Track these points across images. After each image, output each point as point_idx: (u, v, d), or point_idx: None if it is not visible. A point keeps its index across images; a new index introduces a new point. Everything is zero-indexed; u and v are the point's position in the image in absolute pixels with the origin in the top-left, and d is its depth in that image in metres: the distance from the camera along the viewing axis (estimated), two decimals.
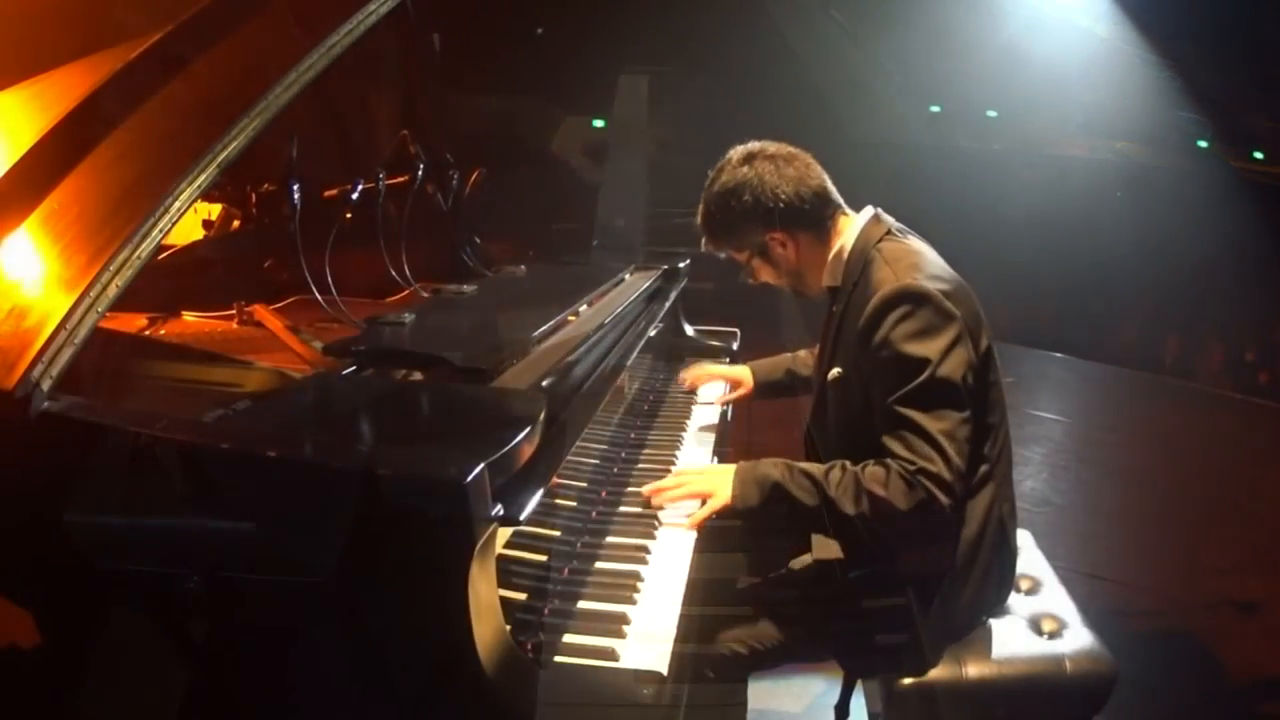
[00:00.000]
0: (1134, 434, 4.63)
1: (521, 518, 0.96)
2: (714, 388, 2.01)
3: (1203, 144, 7.12)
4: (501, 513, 0.90)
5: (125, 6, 1.23)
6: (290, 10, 1.19)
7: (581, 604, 1.15)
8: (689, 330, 2.41)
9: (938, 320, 1.29)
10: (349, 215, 1.56)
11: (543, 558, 1.19)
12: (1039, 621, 1.49)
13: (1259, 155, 7.06)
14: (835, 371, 1.43)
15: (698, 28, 6.31)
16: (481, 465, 0.85)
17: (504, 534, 1.07)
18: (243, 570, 0.89)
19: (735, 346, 2.38)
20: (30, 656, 0.91)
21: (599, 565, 1.25)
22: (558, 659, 1.03)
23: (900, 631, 1.40)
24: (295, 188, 1.36)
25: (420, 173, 1.71)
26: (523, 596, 1.10)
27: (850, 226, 1.47)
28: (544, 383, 1.23)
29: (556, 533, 1.25)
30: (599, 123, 7.41)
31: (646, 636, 1.09)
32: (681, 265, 2.31)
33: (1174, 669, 2.45)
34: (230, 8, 1.14)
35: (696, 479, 1.39)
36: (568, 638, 1.08)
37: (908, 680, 1.38)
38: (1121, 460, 4.17)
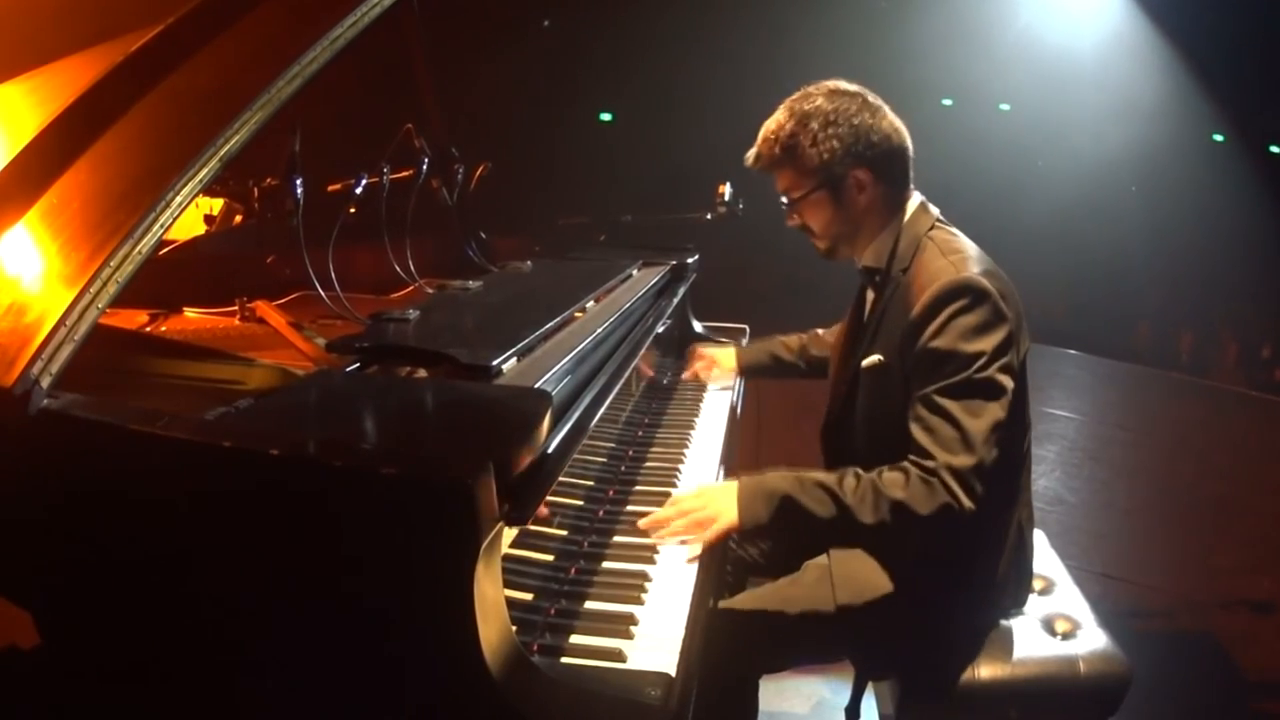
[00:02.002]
0: (1148, 432, 4.60)
1: (527, 517, 0.95)
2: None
3: (1219, 138, 7.04)
4: (507, 512, 0.89)
5: None
6: (293, 2, 1.18)
7: (588, 604, 1.14)
8: (697, 327, 2.39)
9: (993, 318, 1.25)
10: (353, 210, 1.55)
11: (549, 558, 1.18)
12: (1052, 622, 1.47)
13: (1276, 150, 6.97)
14: (874, 359, 1.37)
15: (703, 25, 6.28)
16: (487, 464, 0.84)
17: (510, 534, 1.06)
18: (244, 570, 0.88)
19: (744, 342, 2.35)
20: (30, 656, 0.91)
21: (606, 565, 1.24)
22: (564, 660, 1.02)
23: (916, 634, 1.38)
24: (298, 182, 1.35)
25: (424, 167, 1.70)
26: (529, 597, 1.09)
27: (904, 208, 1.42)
28: (550, 380, 1.22)
29: (563, 532, 1.24)
30: (606, 116, 7.40)
31: (655, 637, 1.07)
32: (690, 261, 2.29)
33: (1189, 670, 2.43)
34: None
35: (697, 505, 1.29)
36: (574, 639, 1.06)
37: (920, 682, 1.36)
38: (1135, 458, 4.14)
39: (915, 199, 1.44)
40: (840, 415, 1.48)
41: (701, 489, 1.36)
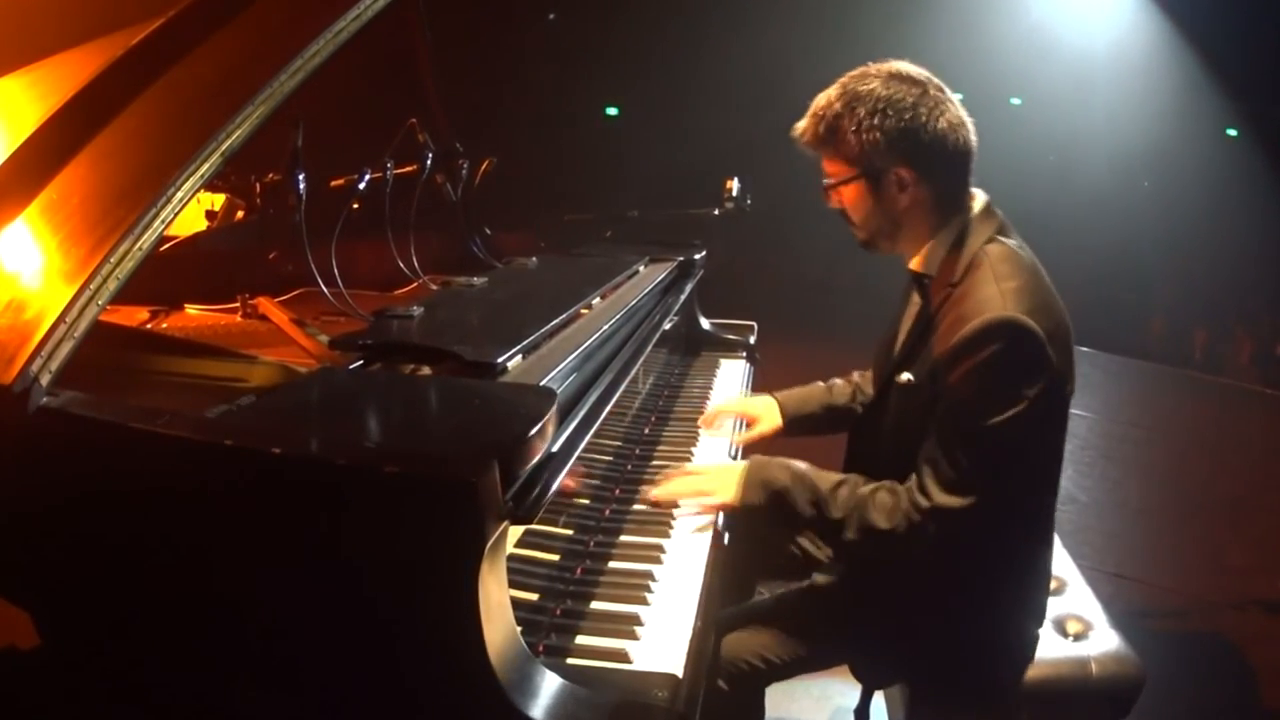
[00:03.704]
0: (1161, 430, 4.56)
1: (532, 516, 0.93)
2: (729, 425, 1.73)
3: (1232, 133, 6.97)
4: (512, 511, 0.88)
5: None
6: None
7: (594, 605, 1.13)
8: (705, 324, 2.37)
9: (1032, 364, 1.19)
10: (356, 205, 1.54)
11: (555, 557, 1.17)
12: (1064, 623, 1.46)
13: None
14: (906, 378, 1.31)
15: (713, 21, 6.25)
16: (491, 462, 0.83)
17: (515, 533, 1.05)
18: (246, 570, 0.87)
19: (753, 340, 2.34)
20: (30, 656, 0.90)
21: (612, 565, 1.23)
22: (570, 661, 1.01)
23: (928, 641, 1.35)
24: (300, 177, 1.34)
25: (429, 162, 1.69)
26: (534, 597, 1.08)
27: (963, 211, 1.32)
28: (555, 378, 1.21)
29: (569, 531, 1.23)
30: (612, 110, 7.38)
31: (661, 638, 1.06)
32: (698, 257, 2.27)
33: (1201, 671, 2.41)
34: None
35: (702, 477, 1.35)
36: (580, 639, 1.06)
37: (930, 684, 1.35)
38: (1148, 457, 4.11)
39: (979, 202, 1.32)
40: (869, 420, 1.44)
41: (711, 465, 1.43)
